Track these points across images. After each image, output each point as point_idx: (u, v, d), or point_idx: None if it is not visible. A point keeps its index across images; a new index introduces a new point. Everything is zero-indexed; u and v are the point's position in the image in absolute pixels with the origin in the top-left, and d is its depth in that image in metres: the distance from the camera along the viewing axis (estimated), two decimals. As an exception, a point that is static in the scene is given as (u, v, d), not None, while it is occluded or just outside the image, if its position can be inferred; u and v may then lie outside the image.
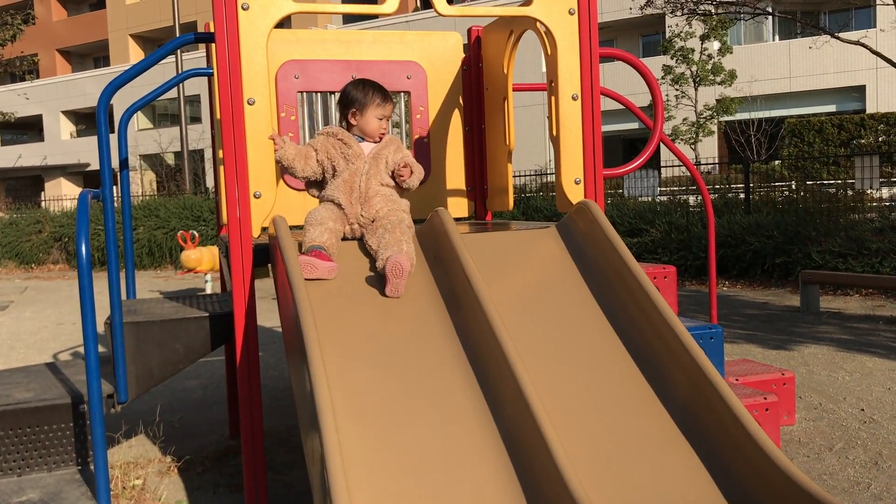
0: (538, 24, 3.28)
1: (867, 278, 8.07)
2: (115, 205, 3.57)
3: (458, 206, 4.20)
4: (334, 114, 4.23)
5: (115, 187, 4.34)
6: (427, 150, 4.20)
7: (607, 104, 4.40)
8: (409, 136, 4.23)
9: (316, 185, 3.15)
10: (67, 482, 2.90)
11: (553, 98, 3.30)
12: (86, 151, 40.44)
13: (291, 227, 3.02)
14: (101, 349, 3.44)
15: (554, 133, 3.35)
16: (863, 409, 4.42)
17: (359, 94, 3.08)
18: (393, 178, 3.06)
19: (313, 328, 2.35)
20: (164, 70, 29.34)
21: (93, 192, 2.96)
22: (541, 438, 2.15)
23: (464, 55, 4.16)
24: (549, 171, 17.79)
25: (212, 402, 5.16)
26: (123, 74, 3.09)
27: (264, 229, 3.06)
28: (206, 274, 11.77)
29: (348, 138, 3.05)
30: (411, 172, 3.04)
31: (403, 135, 4.25)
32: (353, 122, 3.09)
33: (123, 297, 3.76)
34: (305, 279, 2.68)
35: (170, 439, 4.24)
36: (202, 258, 12.79)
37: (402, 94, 4.12)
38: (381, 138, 3.08)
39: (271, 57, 3.78)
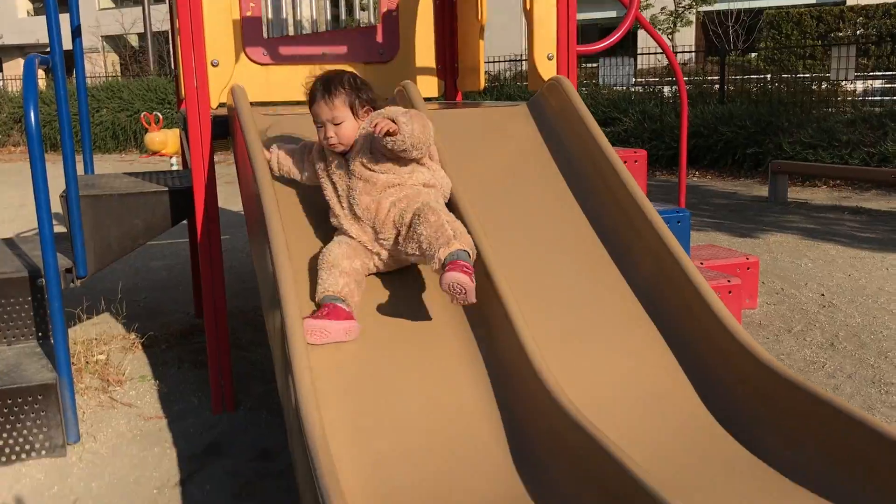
0: None
1: (835, 169, 8.10)
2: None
3: (428, 85, 4.08)
4: (301, 9, 4.04)
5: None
6: (395, 24, 4.04)
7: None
8: (377, 10, 4.06)
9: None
10: (27, 355, 2.87)
11: (526, -32, 3.16)
12: (45, 30, 38.79)
13: (253, 104, 2.91)
14: (61, 229, 3.36)
15: (527, 6, 3.22)
16: (823, 294, 4.50)
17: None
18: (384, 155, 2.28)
19: (274, 201, 2.29)
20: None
21: (40, 56, 2.80)
22: (505, 314, 2.14)
23: (435, -78, 3.96)
24: (523, 58, 17.43)
25: (177, 282, 5.12)
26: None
27: (223, 104, 2.94)
28: (171, 157, 11.56)
29: (324, 150, 2.41)
30: (390, 131, 2.17)
31: (371, 8, 4.07)
32: None
33: (81, 172, 3.65)
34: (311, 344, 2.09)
35: (133, 317, 4.21)
36: (167, 140, 12.53)
37: (370, -36, 3.94)
38: (332, 147, 2.34)
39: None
